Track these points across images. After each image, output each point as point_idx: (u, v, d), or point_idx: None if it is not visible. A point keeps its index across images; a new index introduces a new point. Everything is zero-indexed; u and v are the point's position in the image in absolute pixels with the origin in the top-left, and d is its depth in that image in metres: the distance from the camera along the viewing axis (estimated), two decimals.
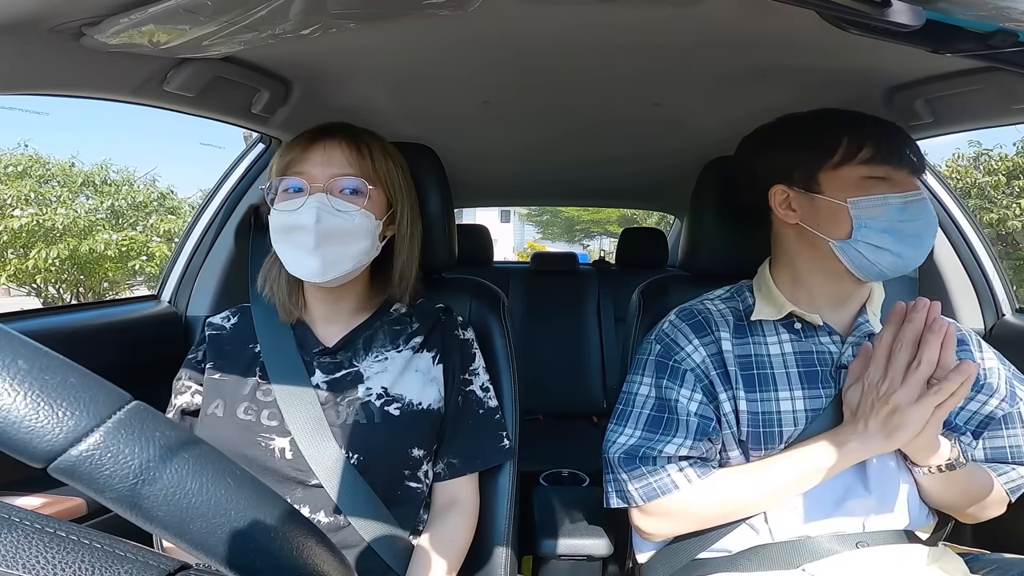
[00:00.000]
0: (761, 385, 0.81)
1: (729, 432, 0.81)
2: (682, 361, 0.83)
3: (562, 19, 0.83)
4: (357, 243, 0.79)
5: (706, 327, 0.85)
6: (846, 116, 0.82)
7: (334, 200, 0.77)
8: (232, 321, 0.91)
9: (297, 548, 0.30)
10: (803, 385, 0.80)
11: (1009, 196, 9.04)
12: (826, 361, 0.81)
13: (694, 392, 0.81)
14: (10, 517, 0.24)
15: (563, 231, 22.17)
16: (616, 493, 0.82)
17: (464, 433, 0.87)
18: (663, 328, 0.88)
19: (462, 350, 0.90)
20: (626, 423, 0.84)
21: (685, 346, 0.84)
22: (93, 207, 9.03)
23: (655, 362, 0.85)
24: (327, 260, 0.77)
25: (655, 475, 0.79)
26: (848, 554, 0.77)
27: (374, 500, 0.79)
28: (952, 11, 0.50)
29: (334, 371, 0.84)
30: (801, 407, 0.79)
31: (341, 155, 0.80)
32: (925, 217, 0.76)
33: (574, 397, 2.30)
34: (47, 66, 0.72)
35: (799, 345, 0.82)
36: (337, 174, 0.79)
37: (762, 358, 0.82)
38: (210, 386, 0.84)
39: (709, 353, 0.83)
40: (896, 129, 0.80)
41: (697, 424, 0.80)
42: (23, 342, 0.27)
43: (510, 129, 1.46)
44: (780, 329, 0.84)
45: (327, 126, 0.83)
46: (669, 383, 0.82)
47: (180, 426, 0.30)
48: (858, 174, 0.77)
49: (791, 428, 0.79)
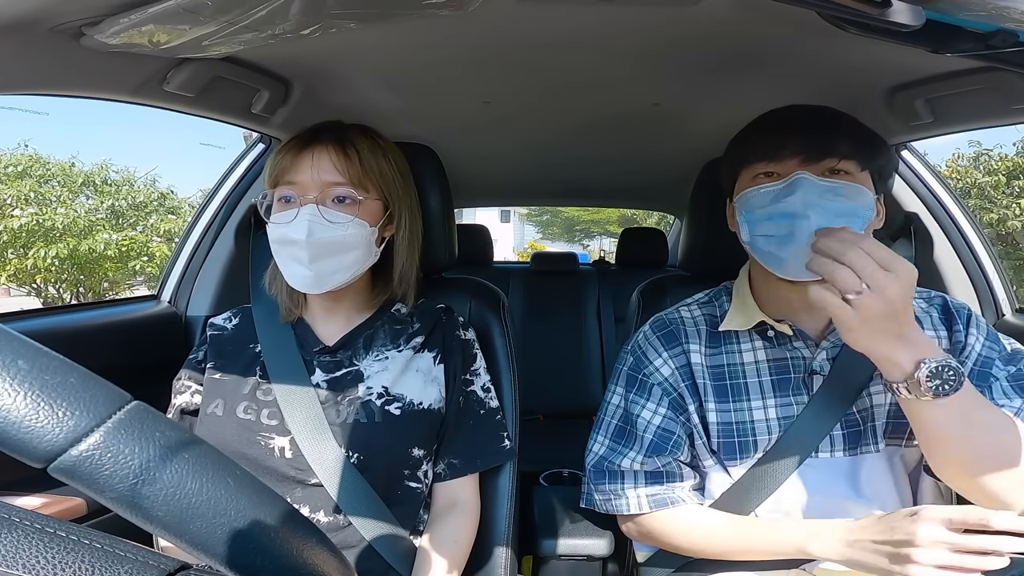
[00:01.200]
0: (734, 395, 0.81)
1: (701, 443, 0.82)
2: (650, 375, 0.85)
3: (562, 19, 0.83)
4: (352, 253, 0.79)
5: (676, 338, 0.85)
6: (764, 119, 0.81)
7: (325, 211, 0.76)
8: (233, 322, 0.91)
9: (297, 548, 0.30)
10: (776, 393, 0.80)
11: (1009, 196, 9.04)
12: (799, 367, 0.81)
13: (659, 406, 0.83)
14: (10, 517, 0.24)
15: (563, 231, 22.18)
16: (586, 496, 0.89)
17: (465, 433, 0.87)
18: (637, 339, 0.89)
19: (463, 350, 0.90)
20: (599, 431, 0.89)
21: (654, 359, 0.85)
22: (93, 207, 9.04)
23: (627, 374, 0.87)
24: (322, 272, 0.77)
25: (613, 492, 0.84)
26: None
27: (374, 499, 0.79)
28: (952, 11, 0.50)
29: (334, 370, 0.84)
30: (774, 415, 0.79)
31: (329, 162, 0.78)
32: (800, 194, 0.70)
33: (574, 397, 2.30)
34: (47, 66, 0.72)
35: (772, 352, 0.82)
36: (328, 182, 0.77)
37: (735, 367, 0.82)
38: (210, 385, 0.84)
39: (678, 365, 0.84)
40: (793, 118, 0.78)
41: (651, 441, 0.83)
42: (23, 342, 0.27)
43: (510, 129, 1.46)
44: (753, 336, 0.83)
45: (315, 129, 0.81)
46: (636, 396, 0.85)
47: (180, 426, 0.30)
48: (748, 175, 0.78)
49: (765, 437, 0.79)
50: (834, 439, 0.78)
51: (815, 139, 0.74)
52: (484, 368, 0.91)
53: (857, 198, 0.72)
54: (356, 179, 0.78)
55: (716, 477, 0.83)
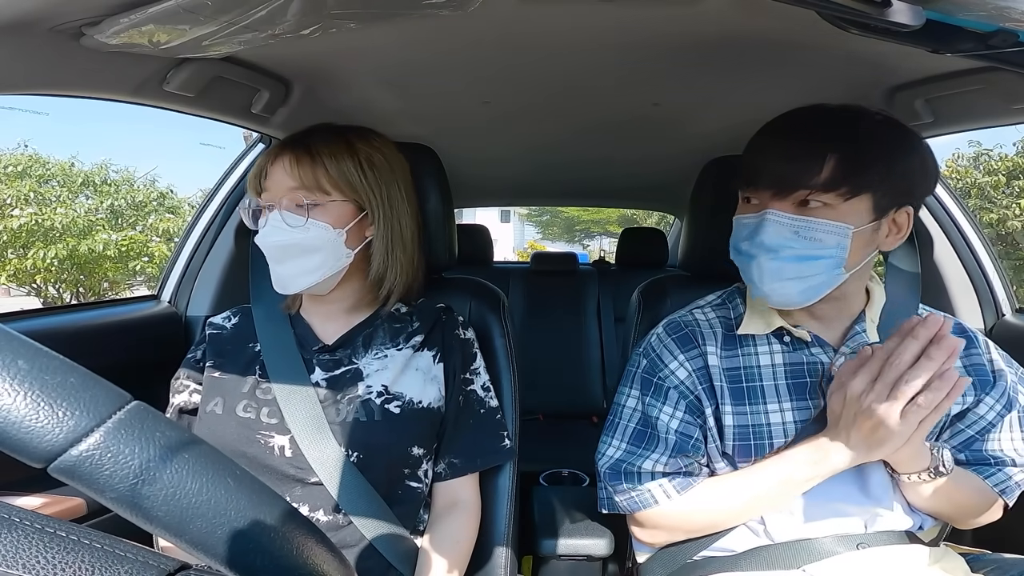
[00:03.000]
0: (750, 398, 0.80)
1: (713, 446, 0.81)
2: (666, 379, 0.83)
3: (562, 19, 0.83)
4: (316, 255, 0.79)
5: (693, 341, 0.84)
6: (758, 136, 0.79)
7: (285, 215, 0.78)
8: (233, 321, 0.91)
9: (297, 548, 0.30)
10: (792, 397, 0.80)
11: (1009, 196, 9.04)
12: (816, 372, 0.80)
13: (676, 410, 0.82)
14: (10, 517, 0.24)
15: (563, 231, 22.17)
16: (607, 501, 0.86)
17: (465, 433, 0.87)
18: (651, 342, 0.88)
19: (463, 349, 0.90)
20: (613, 435, 0.86)
21: (670, 363, 0.84)
22: (93, 207, 9.03)
23: (641, 377, 0.86)
24: (287, 275, 0.80)
25: (636, 491, 0.82)
26: (849, 555, 0.76)
27: (375, 498, 0.79)
28: (952, 11, 0.50)
29: (333, 368, 0.84)
30: (790, 419, 0.79)
31: (293, 169, 0.80)
32: (763, 236, 0.74)
33: (574, 397, 2.30)
34: (47, 66, 0.72)
35: (789, 356, 0.81)
36: (287, 187, 0.80)
37: (751, 370, 0.82)
38: (209, 384, 0.84)
39: (695, 368, 0.83)
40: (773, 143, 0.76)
41: (675, 441, 0.81)
42: (23, 342, 0.27)
43: (510, 129, 1.46)
44: (771, 339, 0.83)
45: (288, 139, 0.84)
46: (652, 400, 0.84)
47: (180, 426, 0.30)
48: (741, 200, 0.80)
49: (780, 440, 0.78)
50: None
51: (786, 170, 0.72)
52: (484, 367, 0.91)
53: (826, 238, 0.72)
54: (312, 183, 0.79)
55: None
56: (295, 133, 0.85)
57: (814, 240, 0.72)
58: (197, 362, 0.88)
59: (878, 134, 0.73)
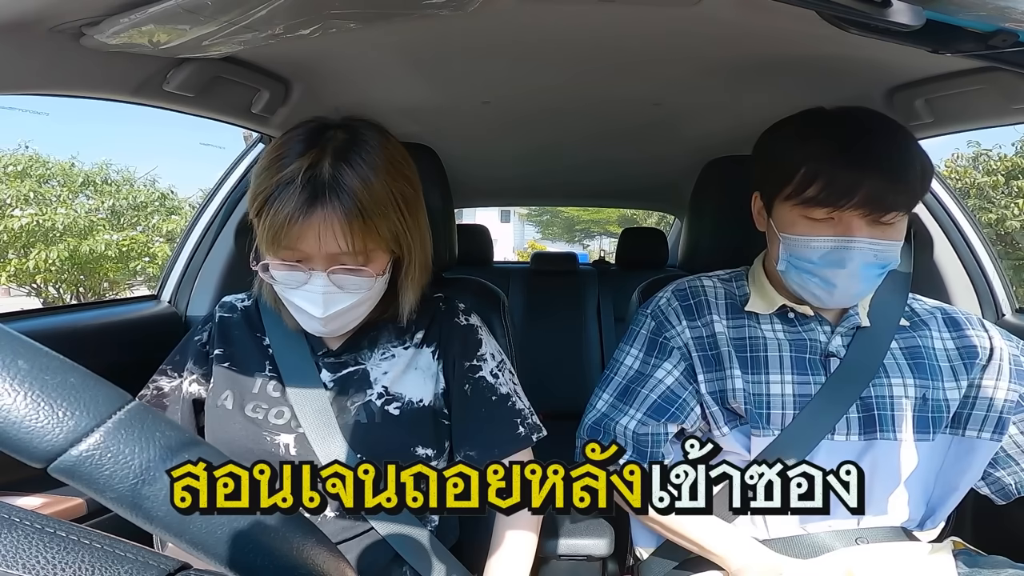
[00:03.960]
0: (753, 367, 0.83)
1: (717, 409, 0.83)
2: (672, 339, 0.87)
3: (562, 19, 0.83)
4: (364, 305, 0.78)
5: (698, 310, 0.87)
6: (831, 133, 0.76)
7: (337, 279, 0.73)
8: (246, 303, 0.89)
9: (297, 548, 0.30)
10: (794, 370, 0.82)
11: (1008, 196, 9.04)
12: (816, 349, 0.83)
13: (675, 368, 0.85)
14: (10, 517, 0.24)
15: (563, 231, 22.17)
16: (578, 452, 0.91)
17: (478, 423, 0.84)
18: (659, 303, 0.90)
19: (464, 337, 0.87)
20: (605, 388, 0.90)
21: (676, 325, 0.87)
22: (93, 207, 9.03)
23: (647, 338, 0.89)
24: (335, 326, 0.77)
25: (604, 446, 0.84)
26: (847, 550, 0.77)
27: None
28: (952, 11, 0.50)
29: (339, 370, 0.84)
30: (791, 391, 0.81)
31: (344, 235, 0.71)
32: (850, 266, 0.74)
33: (574, 397, 2.28)
34: (47, 66, 0.72)
35: (791, 333, 0.85)
36: (334, 252, 0.72)
37: (756, 340, 0.84)
38: (220, 376, 0.84)
39: (698, 335, 0.86)
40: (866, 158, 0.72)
41: (654, 401, 0.84)
42: (23, 342, 0.27)
43: (510, 129, 1.46)
44: (774, 318, 0.86)
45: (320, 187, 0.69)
46: (654, 358, 0.87)
47: (180, 426, 0.30)
48: (799, 213, 0.77)
49: (779, 411, 0.80)
50: (850, 421, 0.80)
51: (883, 191, 0.71)
52: (493, 353, 0.88)
53: (891, 253, 0.76)
54: (362, 247, 0.73)
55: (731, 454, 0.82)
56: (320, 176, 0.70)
57: (888, 259, 0.76)
58: (203, 346, 0.87)
59: (912, 142, 0.77)
